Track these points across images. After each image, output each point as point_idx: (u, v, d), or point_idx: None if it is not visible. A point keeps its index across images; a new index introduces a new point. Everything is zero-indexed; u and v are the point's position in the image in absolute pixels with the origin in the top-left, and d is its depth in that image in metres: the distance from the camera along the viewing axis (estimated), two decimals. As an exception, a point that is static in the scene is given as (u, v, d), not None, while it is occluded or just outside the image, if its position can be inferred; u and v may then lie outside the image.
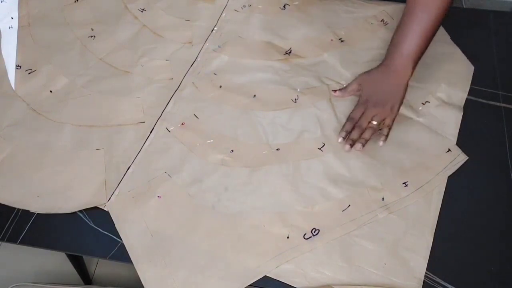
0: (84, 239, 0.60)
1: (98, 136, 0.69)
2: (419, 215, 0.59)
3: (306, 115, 0.70)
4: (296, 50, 0.80)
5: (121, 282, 1.05)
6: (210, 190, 0.62)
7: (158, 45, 0.82)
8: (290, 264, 0.56)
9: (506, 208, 0.60)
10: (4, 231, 0.61)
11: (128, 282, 1.01)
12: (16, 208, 0.62)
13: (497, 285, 0.54)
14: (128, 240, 0.58)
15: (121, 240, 0.59)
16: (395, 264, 0.55)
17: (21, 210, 0.62)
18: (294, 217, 0.60)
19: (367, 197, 0.61)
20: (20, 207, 0.62)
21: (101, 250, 0.59)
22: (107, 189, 0.63)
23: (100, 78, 0.77)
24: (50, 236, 0.61)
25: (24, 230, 0.61)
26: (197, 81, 0.76)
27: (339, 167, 0.64)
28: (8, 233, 0.61)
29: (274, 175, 0.64)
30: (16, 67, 0.80)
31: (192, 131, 0.69)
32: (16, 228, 0.61)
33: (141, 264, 0.56)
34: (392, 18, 0.83)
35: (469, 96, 0.72)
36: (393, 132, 0.67)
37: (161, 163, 0.66)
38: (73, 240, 0.60)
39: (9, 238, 0.60)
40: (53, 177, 0.65)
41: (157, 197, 0.62)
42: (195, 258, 0.57)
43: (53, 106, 0.73)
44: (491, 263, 0.56)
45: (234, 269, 0.55)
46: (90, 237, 0.60)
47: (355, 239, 0.58)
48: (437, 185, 0.62)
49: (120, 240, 0.59)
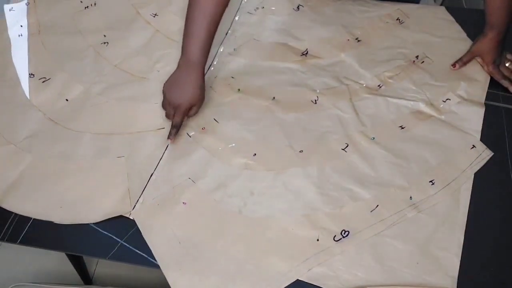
0: (84, 239, 0.59)
1: (118, 144, 0.68)
2: (448, 213, 0.59)
3: (327, 116, 0.70)
4: (312, 51, 0.79)
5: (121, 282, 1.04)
6: (236, 194, 0.62)
7: (172, 50, 0.81)
8: (322, 267, 0.55)
9: (506, 208, 0.60)
10: (4, 231, 0.60)
11: (128, 282, 1.00)
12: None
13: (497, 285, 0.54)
14: (156, 248, 0.58)
15: (121, 240, 0.58)
16: (428, 263, 0.55)
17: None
18: (323, 219, 0.59)
19: (394, 196, 0.61)
20: (43, 218, 0.61)
21: (101, 250, 0.58)
22: (131, 198, 0.62)
23: (116, 85, 0.76)
24: (50, 236, 0.60)
25: (24, 230, 0.60)
26: (214, 85, 0.75)
27: (364, 167, 0.64)
28: (8, 233, 0.60)
29: (299, 178, 0.63)
30: (29, 75, 0.79)
31: (213, 136, 0.68)
32: (16, 228, 0.60)
33: (171, 272, 0.56)
34: (408, 17, 0.83)
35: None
36: (416, 131, 0.67)
37: (184, 169, 0.65)
38: (73, 240, 0.60)
39: (9, 238, 0.60)
40: (75, 187, 0.64)
41: (182, 203, 0.61)
42: (225, 264, 0.56)
43: (70, 115, 0.72)
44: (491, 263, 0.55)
45: (266, 274, 0.55)
46: (90, 237, 0.59)
47: (386, 239, 0.57)
48: (464, 182, 0.62)
49: (120, 240, 0.58)
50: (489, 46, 0.74)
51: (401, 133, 0.67)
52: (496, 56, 0.74)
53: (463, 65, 0.75)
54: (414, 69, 0.75)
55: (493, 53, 0.74)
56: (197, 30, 0.66)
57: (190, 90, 0.67)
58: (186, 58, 0.68)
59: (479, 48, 0.75)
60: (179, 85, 0.68)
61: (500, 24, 0.72)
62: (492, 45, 0.73)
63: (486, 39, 0.74)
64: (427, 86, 0.73)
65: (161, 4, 0.89)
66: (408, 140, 0.67)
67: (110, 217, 0.61)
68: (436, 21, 0.83)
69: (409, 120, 0.69)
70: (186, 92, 0.67)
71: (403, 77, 0.74)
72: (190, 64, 0.67)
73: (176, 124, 0.67)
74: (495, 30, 0.72)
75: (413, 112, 0.70)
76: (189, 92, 0.67)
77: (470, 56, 0.76)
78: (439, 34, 0.80)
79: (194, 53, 0.67)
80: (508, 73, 0.74)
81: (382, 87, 0.73)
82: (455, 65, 0.75)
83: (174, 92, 0.68)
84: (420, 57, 0.77)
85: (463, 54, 0.76)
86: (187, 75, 0.68)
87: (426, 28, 0.81)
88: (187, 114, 0.69)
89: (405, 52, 0.78)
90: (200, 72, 0.68)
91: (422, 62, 0.76)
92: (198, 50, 0.67)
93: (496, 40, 0.73)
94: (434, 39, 0.79)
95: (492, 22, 0.72)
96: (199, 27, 0.66)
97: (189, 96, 0.68)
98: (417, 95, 0.72)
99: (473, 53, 0.75)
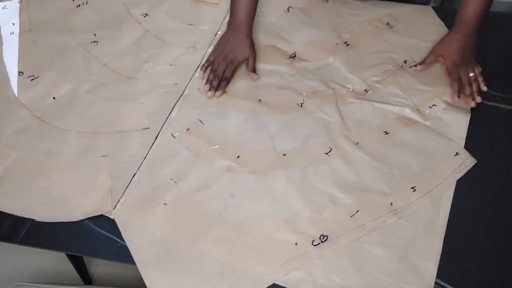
0: (84, 239, 0.59)
1: (103, 143, 0.68)
2: (428, 220, 0.59)
3: (312, 119, 0.70)
4: (300, 53, 0.79)
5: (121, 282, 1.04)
6: (217, 196, 0.62)
7: (161, 50, 0.81)
8: (299, 271, 0.55)
9: (506, 208, 0.60)
10: (4, 231, 0.60)
11: (128, 282, 1.00)
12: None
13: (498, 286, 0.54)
14: (135, 248, 0.58)
15: (121, 240, 0.58)
16: (406, 270, 0.55)
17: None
18: (303, 223, 0.59)
19: (375, 202, 0.60)
20: (25, 215, 0.61)
21: (101, 250, 0.58)
22: (112, 197, 0.62)
23: (104, 84, 0.76)
24: (50, 236, 0.60)
25: (24, 230, 0.60)
26: (202, 86, 0.75)
27: (347, 172, 0.63)
28: (8, 233, 0.60)
29: (281, 181, 0.63)
30: (18, 73, 0.79)
31: (197, 137, 0.68)
32: (16, 228, 0.60)
33: (149, 272, 0.56)
34: (397, 21, 0.83)
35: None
36: (400, 136, 0.67)
37: (167, 169, 0.65)
38: (73, 240, 0.60)
39: (9, 238, 0.60)
40: (57, 185, 0.64)
41: (163, 204, 0.61)
42: (203, 266, 0.56)
43: (57, 113, 0.73)
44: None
45: (243, 277, 0.55)
46: (90, 237, 0.59)
47: (365, 245, 0.57)
48: (446, 189, 0.61)
49: (120, 240, 0.58)
50: (451, 47, 0.72)
51: (385, 138, 0.67)
52: (459, 60, 0.71)
53: (426, 66, 0.74)
54: (401, 74, 0.75)
55: (455, 55, 0.71)
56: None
57: (241, 47, 0.76)
58: (234, 20, 0.77)
59: (441, 48, 0.73)
60: (231, 44, 0.77)
61: (467, 25, 0.69)
62: (456, 47, 0.71)
63: (448, 39, 0.72)
64: (414, 91, 0.72)
65: (152, 4, 0.89)
66: (392, 145, 0.66)
67: (91, 216, 0.61)
68: (426, 26, 0.82)
69: (394, 125, 0.69)
70: (238, 49, 0.76)
71: (390, 82, 0.74)
72: (238, 26, 0.76)
73: (227, 76, 0.75)
74: (460, 31, 0.70)
75: (399, 117, 0.70)
76: (241, 48, 0.76)
77: (433, 57, 0.74)
78: (428, 39, 0.79)
79: (241, 16, 0.76)
80: (465, 79, 0.70)
81: (369, 91, 0.73)
82: (417, 66, 0.74)
83: (228, 49, 0.77)
84: (409, 61, 0.77)
85: None
86: (237, 35, 0.77)
87: (416, 33, 0.81)
88: (236, 69, 0.76)
89: (393, 57, 0.78)
90: (248, 31, 0.77)
91: (410, 67, 0.76)
92: (244, 13, 0.76)
93: (461, 42, 0.71)
94: (423, 44, 0.79)
95: (460, 21, 0.70)
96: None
97: (241, 52, 0.76)
98: (403, 100, 0.71)
99: (435, 53, 0.74)
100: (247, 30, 0.77)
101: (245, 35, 0.76)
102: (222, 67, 0.75)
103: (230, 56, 0.76)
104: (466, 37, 0.71)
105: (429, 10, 0.86)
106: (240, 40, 0.76)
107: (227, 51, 0.76)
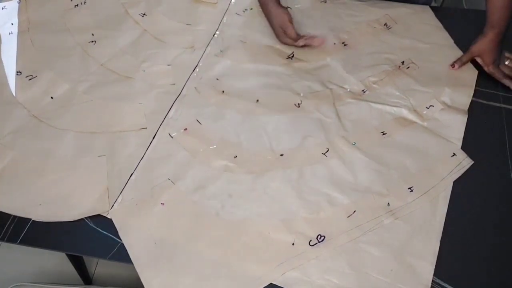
0: (84, 239, 0.59)
1: (100, 143, 0.68)
2: (425, 221, 0.59)
3: (310, 119, 0.70)
4: (298, 54, 0.79)
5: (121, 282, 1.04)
6: (214, 196, 0.62)
7: (159, 50, 0.81)
8: (296, 271, 0.55)
9: (506, 208, 0.60)
10: (4, 231, 0.60)
11: (128, 282, 1.01)
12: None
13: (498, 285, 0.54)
14: (132, 248, 0.58)
15: (121, 240, 0.58)
16: (402, 270, 0.55)
17: (21, 210, 0.61)
18: (299, 223, 0.59)
19: (372, 202, 0.60)
20: (22, 215, 0.61)
21: (101, 250, 0.58)
22: (109, 197, 0.62)
23: (102, 84, 0.76)
24: (50, 236, 0.60)
25: (24, 230, 0.60)
26: (199, 86, 0.75)
27: (344, 173, 0.64)
28: (8, 233, 0.60)
29: (278, 181, 0.63)
30: (16, 73, 0.79)
31: (195, 137, 0.68)
32: (16, 228, 0.60)
33: (146, 272, 0.56)
34: (395, 22, 0.83)
35: (470, 97, 0.72)
36: (398, 137, 0.67)
37: (164, 169, 0.65)
38: (73, 240, 0.60)
39: (9, 238, 0.60)
40: (55, 185, 0.64)
41: (161, 204, 0.61)
42: (199, 266, 0.56)
43: (54, 113, 0.73)
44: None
45: (239, 277, 0.55)
46: (90, 237, 0.59)
47: (361, 245, 0.57)
48: (443, 190, 0.61)
49: (120, 241, 0.58)
50: (489, 46, 0.73)
51: (382, 139, 0.67)
52: (496, 56, 0.73)
53: (462, 64, 0.75)
54: (399, 74, 0.75)
55: (493, 53, 0.73)
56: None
57: (274, 18, 0.81)
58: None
59: (479, 48, 0.74)
60: (269, 17, 0.82)
61: (500, 24, 0.71)
62: (492, 45, 0.73)
63: (486, 39, 0.73)
64: (412, 92, 0.73)
65: (150, 3, 0.90)
66: (389, 146, 0.66)
67: (88, 215, 0.61)
68: (424, 27, 0.82)
69: (391, 126, 0.69)
70: (274, 20, 0.80)
71: (387, 82, 0.74)
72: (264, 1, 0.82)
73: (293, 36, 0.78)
74: (495, 30, 0.71)
75: (396, 118, 0.70)
76: (274, 19, 0.80)
77: (470, 56, 0.75)
78: (426, 40, 0.79)
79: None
80: (508, 71, 0.73)
81: (366, 92, 0.73)
82: (454, 65, 0.75)
83: (271, 23, 0.82)
84: (406, 62, 0.77)
85: (451, 60, 0.76)
86: (266, 9, 0.82)
87: (414, 34, 0.81)
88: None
89: (391, 58, 0.78)
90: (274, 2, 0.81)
91: (408, 68, 0.76)
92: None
93: (496, 40, 0.72)
94: (421, 45, 0.79)
95: (493, 21, 0.72)
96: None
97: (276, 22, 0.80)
98: (400, 101, 0.72)
99: (472, 53, 0.75)
100: (274, 1, 0.81)
101: (273, 7, 0.80)
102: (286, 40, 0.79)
103: (277, 27, 0.80)
104: (499, 35, 0.72)
105: (428, 12, 0.86)
106: (272, 13, 0.81)
107: (272, 24, 0.81)
